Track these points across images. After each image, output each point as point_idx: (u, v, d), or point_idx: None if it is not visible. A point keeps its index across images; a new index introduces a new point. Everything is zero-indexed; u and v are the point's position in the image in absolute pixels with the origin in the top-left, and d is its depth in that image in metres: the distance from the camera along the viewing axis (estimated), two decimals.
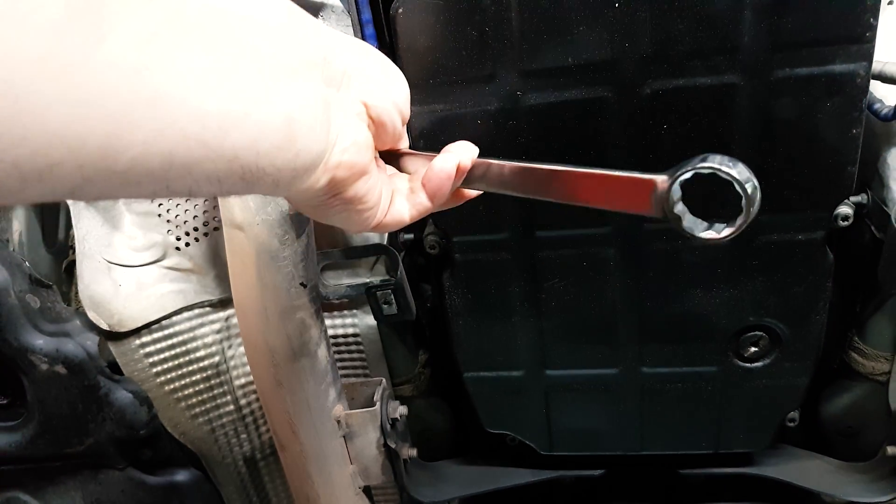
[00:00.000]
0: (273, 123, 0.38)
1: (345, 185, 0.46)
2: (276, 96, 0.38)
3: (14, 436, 0.90)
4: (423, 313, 0.96)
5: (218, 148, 0.35)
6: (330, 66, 0.43)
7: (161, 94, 0.31)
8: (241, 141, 0.36)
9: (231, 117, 0.35)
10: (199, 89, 0.33)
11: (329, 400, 0.84)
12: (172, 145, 0.33)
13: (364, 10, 0.75)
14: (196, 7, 0.33)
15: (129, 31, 0.30)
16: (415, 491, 0.95)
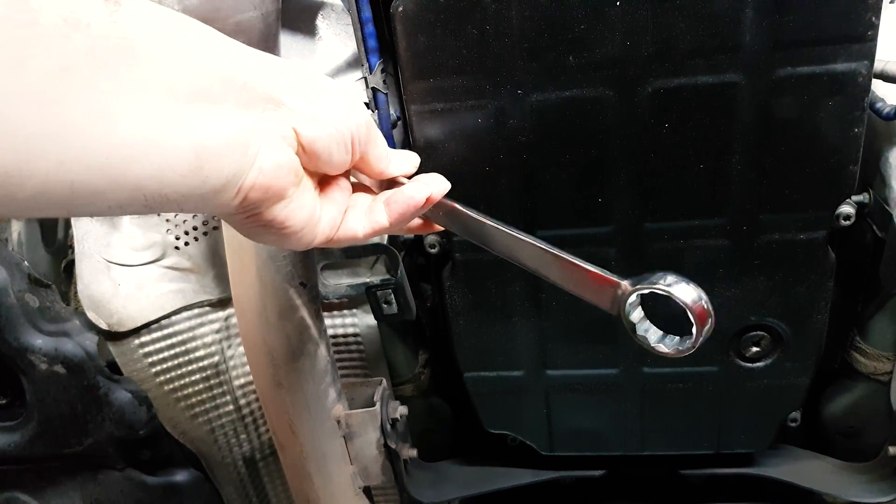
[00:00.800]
0: (178, 153, 0.38)
1: (259, 207, 0.45)
2: (183, 126, 0.38)
3: (13, 436, 0.89)
4: (423, 313, 0.96)
5: (121, 178, 0.35)
6: (251, 91, 0.42)
7: (68, 126, 0.32)
8: (145, 171, 0.36)
9: (136, 148, 0.35)
10: (106, 122, 0.34)
11: (329, 400, 0.83)
12: (76, 176, 0.33)
13: (364, 9, 0.74)
14: (105, 40, 0.34)
15: (45, 63, 0.31)
16: (415, 491, 0.95)
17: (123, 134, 0.35)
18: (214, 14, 0.65)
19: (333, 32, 0.81)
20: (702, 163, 0.72)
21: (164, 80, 0.37)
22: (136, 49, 0.35)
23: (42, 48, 0.30)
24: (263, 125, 0.43)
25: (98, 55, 0.33)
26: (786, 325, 0.82)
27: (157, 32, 0.37)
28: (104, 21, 0.34)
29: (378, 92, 0.79)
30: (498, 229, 0.54)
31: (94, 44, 0.33)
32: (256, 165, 0.43)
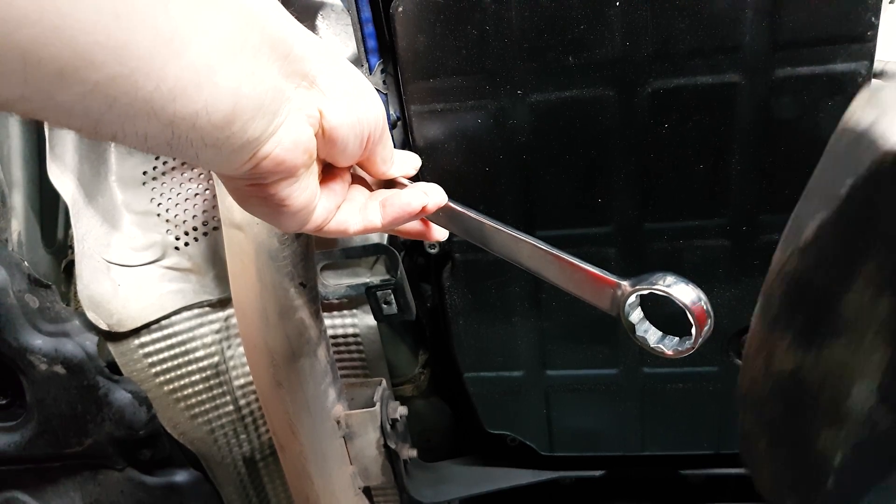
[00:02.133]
0: (221, 98, 0.38)
1: (267, 178, 0.45)
2: (232, 72, 0.38)
3: (13, 436, 0.89)
4: (423, 313, 0.96)
5: (161, 110, 0.35)
6: (291, 63, 0.43)
7: (130, 44, 0.32)
8: (185, 109, 0.36)
9: (189, 81, 0.36)
10: (172, 46, 0.34)
11: (329, 400, 0.83)
12: (120, 94, 0.33)
13: (363, 9, 0.74)
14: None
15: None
16: (415, 491, 0.95)
17: (184, 64, 0.35)
18: None
19: (333, 32, 0.81)
20: (702, 163, 0.72)
21: (226, 24, 0.37)
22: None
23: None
24: (295, 98, 0.43)
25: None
26: None
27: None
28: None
29: (378, 92, 0.79)
30: (497, 229, 0.54)
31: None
32: (277, 137, 0.43)
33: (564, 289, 0.53)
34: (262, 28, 0.40)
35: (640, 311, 0.51)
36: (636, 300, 0.50)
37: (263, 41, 0.40)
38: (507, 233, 0.54)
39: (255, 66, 0.40)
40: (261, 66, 0.40)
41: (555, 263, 0.53)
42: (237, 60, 0.38)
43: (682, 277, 0.48)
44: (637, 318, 0.51)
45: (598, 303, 0.52)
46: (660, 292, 0.48)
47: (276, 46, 0.41)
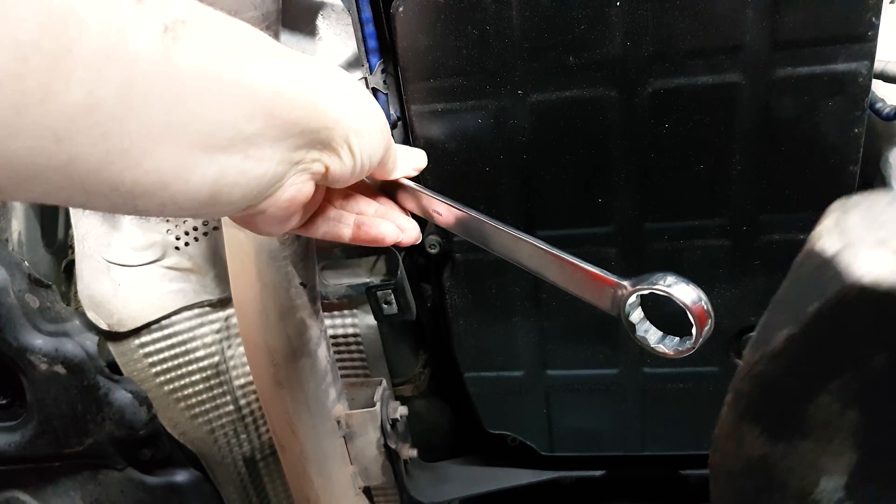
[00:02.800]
0: (192, 195, 0.36)
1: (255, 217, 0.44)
2: (208, 172, 0.36)
3: (13, 436, 0.89)
4: (423, 313, 0.96)
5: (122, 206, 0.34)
6: (305, 135, 0.40)
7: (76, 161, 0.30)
8: (147, 205, 0.35)
9: (144, 188, 0.34)
10: (120, 163, 0.32)
11: (329, 400, 0.83)
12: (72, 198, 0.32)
13: (364, 9, 0.74)
14: (149, 77, 0.31)
15: (71, 98, 0.28)
16: (415, 491, 0.95)
17: (135, 177, 0.32)
18: None
19: (333, 32, 0.81)
20: (702, 163, 0.72)
21: (206, 125, 0.34)
22: (184, 90, 0.32)
23: (73, 82, 0.28)
24: (301, 164, 0.42)
25: (136, 94, 0.30)
26: None
27: (215, 70, 0.34)
28: (155, 56, 0.31)
29: (378, 92, 0.79)
30: (498, 229, 0.54)
31: (134, 82, 0.30)
32: (275, 197, 0.41)
33: (565, 289, 0.53)
34: (269, 114, 0.37)
35: (641, 310, 0.51)
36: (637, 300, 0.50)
37: (269, 126, 0.37)
38: (507, 232, 0.54)
39: (250, 152, 0.37)
40: (260, 149, 0.38)
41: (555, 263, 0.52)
42: (222, 153, 0.35)
43: (683, 277, 0.48)
44: (637, 318, 0.51)
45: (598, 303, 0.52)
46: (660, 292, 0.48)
47: (290, 127, 0.39)
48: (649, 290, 0.49)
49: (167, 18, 0.31)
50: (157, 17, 0.31)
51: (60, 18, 0.27)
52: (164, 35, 0.31)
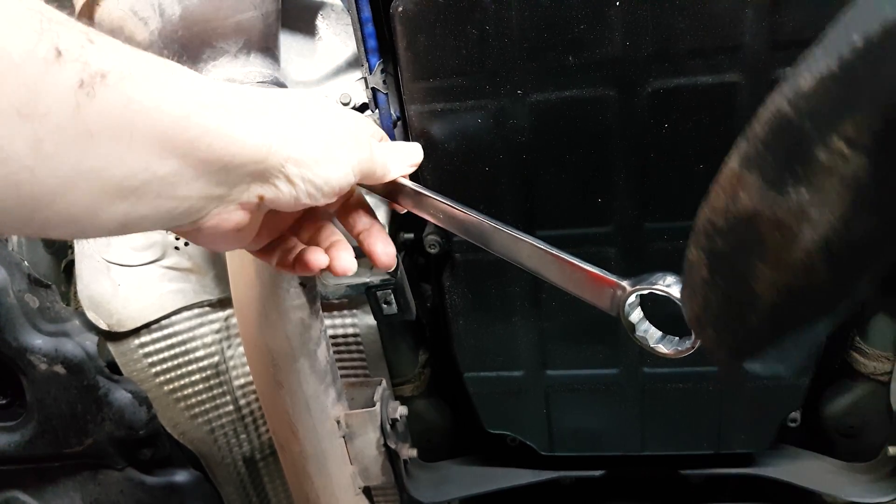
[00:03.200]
0: (100, 230, 0.37)
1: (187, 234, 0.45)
2: (119, 209, 0.37)
3: (13, 436, 0.89)
4: (423, 313, 0.96)
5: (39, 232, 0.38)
6: (231, 172, 0.41)
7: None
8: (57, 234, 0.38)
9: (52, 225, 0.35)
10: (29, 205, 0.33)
11: (329, 400, 0.83)
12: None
13: (364, 9, 0.74)
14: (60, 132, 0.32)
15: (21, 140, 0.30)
16: (415, 491, 0.95)
17: (46, 216, 0.34)
18: (215, 14, 0.65)
19: (333, 32, 0.81)
20: (702, 162, 0.72)
21: (118, 171, 0.35)
22: (94, 141, 0.33)
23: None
24: (227, 197, 0.42)
25: (46, 147, 0.31)
26: None
27: (131, 118, 0.35)
28: (67, 112, 0.32)
29: (378, 92, 0.79)
30: (497, 229, 0.54)
31: (44, 136, 0.31)
32: (198, 224, 0.42)
33: (564, 289, 0.53)
34: (184, 155, 0.38)
35: (640, 310, 0.51)
36: (636, 300, 0.50)
37: (185, 167, 0.38)
38: (506, 233, 0.54)
39: (164, 191, 0.38)
40: (175, 189, 0.38)
41: (555, 263, 0.52)
42: (133, 194, 0.36)
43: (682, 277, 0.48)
44: (637, 318, 0.51)
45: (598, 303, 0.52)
46: (660, 292, 0.48)
47: (208, 165, 0.39)
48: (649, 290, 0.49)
49: (85, 73, 0.32)
50: (73, 73, 0.32)
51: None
52: (79, 91, 0.32)
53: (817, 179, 0.30)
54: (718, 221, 0.35)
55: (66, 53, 0.31)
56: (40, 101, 0.30)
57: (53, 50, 0.31)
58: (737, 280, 0.34)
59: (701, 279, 0.37)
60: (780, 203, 0.31)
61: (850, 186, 0.29)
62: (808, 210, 0.30)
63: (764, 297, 0.33)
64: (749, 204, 0.33)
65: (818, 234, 0.31)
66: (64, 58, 0.31)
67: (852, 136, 0.28)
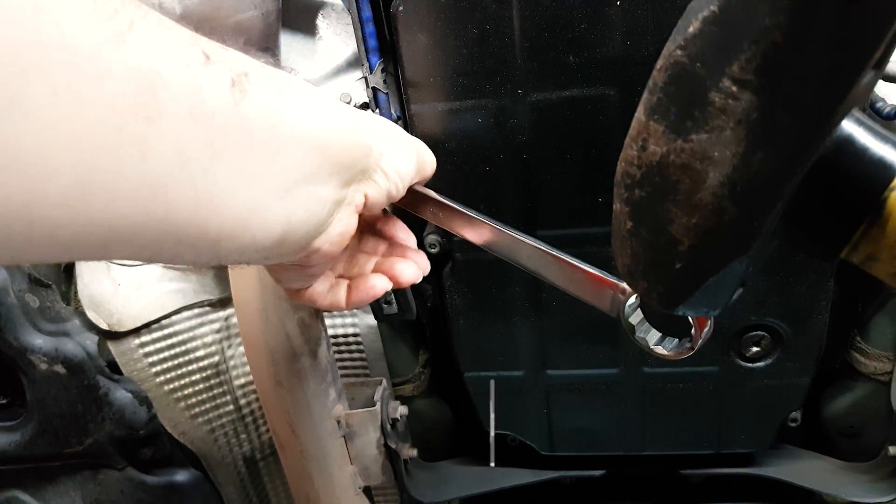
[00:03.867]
0: (268, 234, 0.38)
1: (311, 263, 0.46)
2: (281, 211, 0.38)
3: (13, 435, 0.89)
4: (423, 313, 0.96)
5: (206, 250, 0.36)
6: (352, 168, 0.43)
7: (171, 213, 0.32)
8: (229, 247, 0.37)
9: (229, 231, 0.36)
10: (210, 209, 0.34)
11: (329, 400, 0.83)
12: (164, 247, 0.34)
13: (364, 8, 0.74)
14: (226, 130, 0.33)
15: (165, 155, 0.30)
16: (415, 491, 0.95)
17: (221, 220, 0.35)
18: (215, 13, 0.65)
19: (333, 32, 0.81)
20: None
21: (275, 168, 0.37)
22: (254, 138, 0.35)
23: (165, 140, 0.30)
24: (348, 198, 0.44)
25: (217, 145, 0.33)
26: (786, 324, 0.81)
27: (276, 118, 0.37)
28: (228, 110, 0.33)
29: (378, 91, 0.79)
30: (497, 230, 0.54)
31: (214, 134, 0.33)
32: (327, 234, 0.44)
33: (565, 290, 0.53)
34: (323, 151, 0.40)
35: (640, 312, 0.51)
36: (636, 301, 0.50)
37: (324, 163, 0.40)
38: (507, 233, 0.54)
39: (311, 191, 0.40)
40: (317, 188, 0.40)
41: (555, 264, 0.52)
42: (289, 194, 0.38)
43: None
44: (637, 320, 0.50)
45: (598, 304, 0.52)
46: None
47: (340, 161, 0.41)
48: None
49: (233, 73, 0.34)
50: (225, 72, 0.34)
51: (150, 84, 0.29)
52: (233, 89, 0.34)
53: (714, 121, 0.31)
54: (633, 171, 0.37)
55: (213, 55, 0.33)
56: (206, 102, 0.32)
57: (203, 54, 0.33)
58: (657, 228, 0.36)
59: (626, 230, 0.38)
60: (685, 147, 0.33)
61: (743, 124, 0.31)
62: (709, 152, 0.32)
63: (682, 241, 0.35)
64: (657, 151, 0.35)
65: (722, 173, 0.32)
66: (212, 60, 0.33)
67: (738, 76, 0.30)
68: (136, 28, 0.29)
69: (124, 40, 0.28)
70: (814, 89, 0.29)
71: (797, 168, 0.32)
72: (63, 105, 0.26)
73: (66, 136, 0.26)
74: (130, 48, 0.28)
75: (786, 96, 0.30)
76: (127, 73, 0.28)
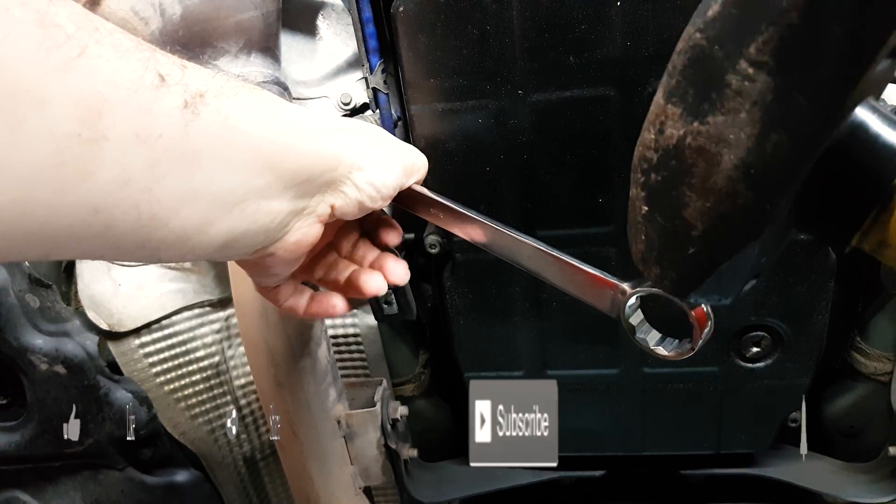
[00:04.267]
0: (211, 243, 0.39)
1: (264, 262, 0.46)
2: (225, 223, 0.38)
3: (14, 436, 0.89)
4: (424, 313, 0.96)
5: (148, 258, 0.37)
6: (312, 182, 0.43)
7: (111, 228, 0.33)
8: (169, 255, 0.38)
9: (171, 243, 0.36)
10: (152, 225, 0.34)
11: (329, 400, 0.83)
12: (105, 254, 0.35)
13: (364, 9, 0.74)
14: (172, 151, 0.34)
15: (107, 176, 0.31)
16: (415, 491, 0.95)
17: (163, 235, 0.35)
18: (215, 13, 0.65)
19: (334, 32, 0.81)
20: None
21: (221, 186, 0.37)
22: (202, 158, 0.35)
23: (107, 161, 0.31)
24: (309, 209, 0.44)
25: (161, 166, 0.33)
26: (786, 325, 0.81)
27: (229, 136, 0.37)
28: (177, 132, 0.34)
29: (379, 92, 0.79)
30: (497, 230, 0.54)
31: (160, 156, 0.33)
32: (282, 241, 0.44)
33: (565, 290, 0.53)
34: (275, 168, 0.40)
35: (641, 312, 0.51)
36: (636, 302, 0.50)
37: (277, 179, 0.40)
38: (507, 234, 0.54)
39: (260, 205, 0.40)
40: (269, 202, 0.40)
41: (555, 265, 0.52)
42: (235, 209, 0.38)
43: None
44: (637, 320, 0.50)
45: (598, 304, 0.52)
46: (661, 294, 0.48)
47: (296, 176, 0.41)
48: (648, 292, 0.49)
49: (187, 94, 0.34)
50: (178, 94, 0.34)
51: (95, 108, 0.30)
52: (185, 111, 0.34)
53: (730, 104, 0.31)
54: (650, 156, 0.36)
55: (168, 78, 0.33)
56: (154, 124, 0.32)
57: (157, 76, 0.33)
58: (672, 212, 0.36)
59: (641, 216, 0.38)
60: (701, 130, 0.33)
61: (758, 106, 0.31)
62: (724, 134, 0.32)
63: (696, 226, 0.35)
64: (674, 134, 0.34)
65: (737, 156, 0.32)
66: (167, 82, 0.33)
67: (755, 58, 0.30)
68: (87, 54, 0.29)
69: (71, 67, 0.29)
70: (829, 71, 0.29)
71: (811, 152, 0.32)
72: (4, 130, 0.27)
73: (4, 160, 0.27)
74: (76, 75, 0.29)
75: (801, 78, 0.30)
76: (69, 101, 0.29)
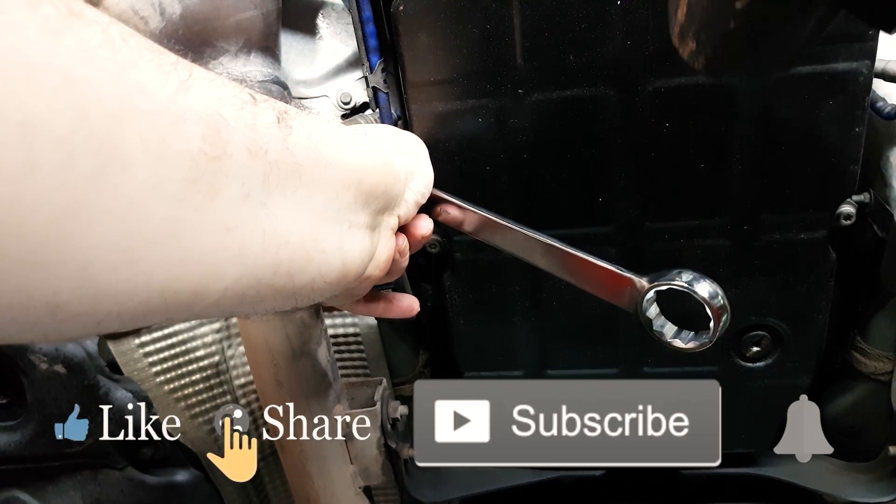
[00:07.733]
0: (330, 264, 0.40)
1: (359, 288, 0.49)
2: (334, 239, 0.40)
3: (13, 435, 0.89)
4: (424, 313, 0.96)
5: (281, 289, 0.37)
6: (386, 196, 0.45)
7: (245, 248, 0.33)
8: (303, 281, 0.38)
9: (298, 263, 0.37)
10: (276, 241, 0.35)
11: (329, 400, 0.83)
12: (248, 290, 0.34)
13: (364, 8, 0.74)
14: (278, 165, 0.35)
15: (232, 192, 0.31)
16: (415, 491, 0.95)
17: (289, 251, 0.36)
18: (215, 13, 0.65)
19: (334, 32, 0.81)
20: (702, 162, 0.72)
21: (321, 201, 0.38)
22: (301, 170, 0.36)
23: (231, 178, 0.31)
24: (385, 222, 0.47)
25: (271, 180, 0.34)
26: (786, 324, 0.81)
27: (317, 152, 0.38)
28: (279, 147, 0.35)
29: (379, 91, 0.79)
30: (510, 228, 0.54)
31: (269, 170, 0.34)
32: (375, 260, 0.46)
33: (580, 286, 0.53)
34: (357, 183, 0.41)
35: (657, 306, 0.51)
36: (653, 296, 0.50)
37: (360, 194, 0.42)
38: (520, 231, 0.54)
39: (353, 220, 0.42)
40: (357, 219, 0.42)
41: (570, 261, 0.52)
42: (337, 225, 0.40)
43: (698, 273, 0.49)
44: (654, 314, 0.51)
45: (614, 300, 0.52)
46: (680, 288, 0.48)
47: (372, 191, 0.43)
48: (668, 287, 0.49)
49: (276, 111, 0.36)
50: (270, 110, 0.35)
51: (213, 125, 0.30)
52: (280, 126, 0.35)
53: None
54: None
55: (257, 96, 0.35)
56: (260, 139, 0.33)
57: (250, 96, 0.34)
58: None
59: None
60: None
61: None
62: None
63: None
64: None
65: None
66: (257, 100, 0.35)
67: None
68: (195, 76, 0.30)
69: (188, 87, 0.29)
70: None
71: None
72: (150, 151, 0.27)
73: (153, 179, 0.27)
74: (195, 94, 0.30)
75: None
76: (196, 117, 0.29)
